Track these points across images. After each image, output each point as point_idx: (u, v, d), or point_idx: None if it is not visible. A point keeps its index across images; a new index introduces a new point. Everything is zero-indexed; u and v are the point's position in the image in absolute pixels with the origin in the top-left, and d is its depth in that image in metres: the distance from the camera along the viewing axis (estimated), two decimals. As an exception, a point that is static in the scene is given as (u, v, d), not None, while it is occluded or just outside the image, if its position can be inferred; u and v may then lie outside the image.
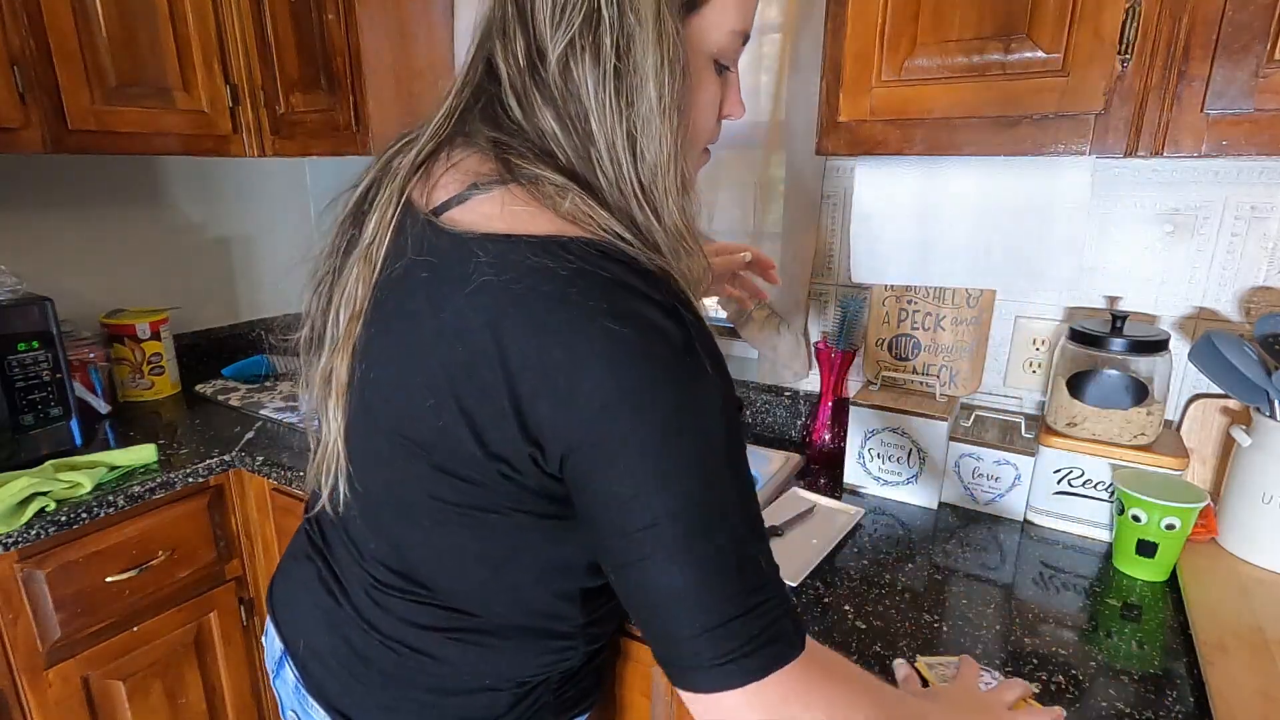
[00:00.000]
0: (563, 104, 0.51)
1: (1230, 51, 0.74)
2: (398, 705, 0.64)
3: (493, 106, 0.55)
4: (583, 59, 0.50)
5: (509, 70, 0.53)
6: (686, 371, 0.49)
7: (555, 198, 0.51)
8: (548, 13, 0.50)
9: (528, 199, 0.52)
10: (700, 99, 0.57)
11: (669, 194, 0.54)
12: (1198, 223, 1.04)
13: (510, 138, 0.54)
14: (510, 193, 0.52)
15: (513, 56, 0.53)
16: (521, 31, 0.52)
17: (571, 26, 0.50)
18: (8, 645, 1.13)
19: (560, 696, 0.69)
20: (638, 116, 0.51)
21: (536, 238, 0.50)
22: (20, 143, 1.21)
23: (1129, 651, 0.81)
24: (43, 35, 1.20)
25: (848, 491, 1.20)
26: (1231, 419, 1.05)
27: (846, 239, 1.30)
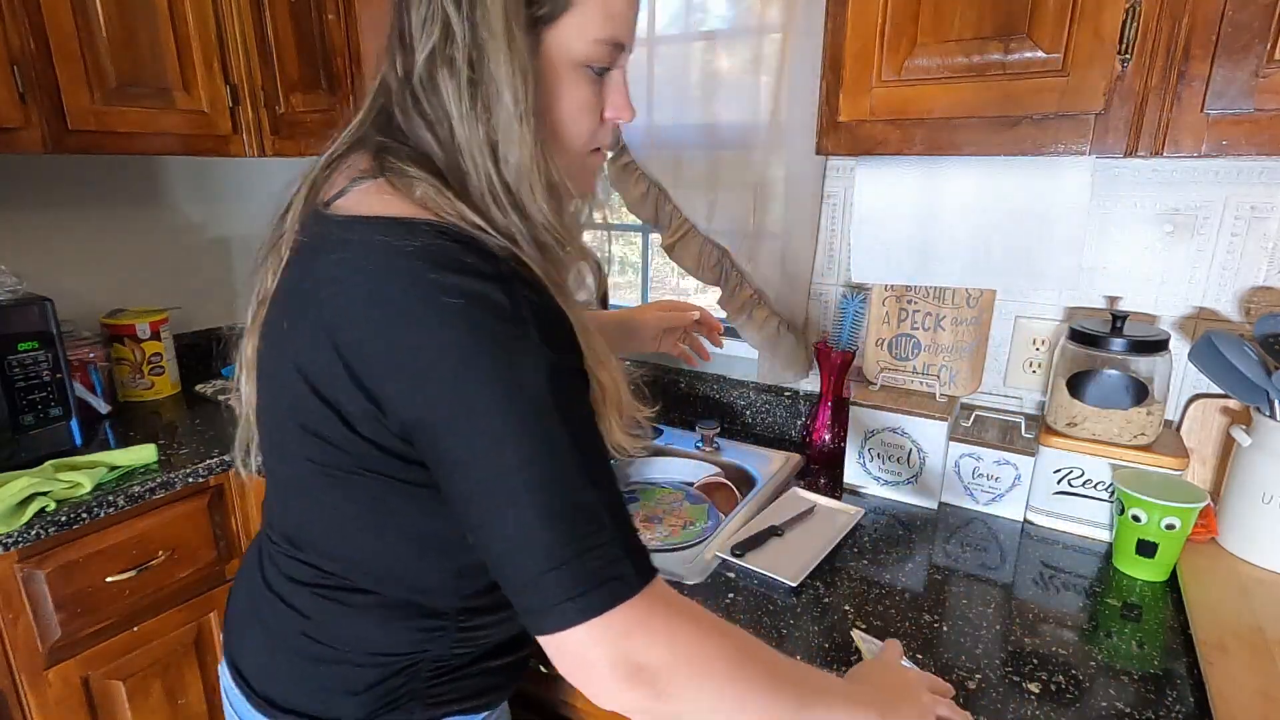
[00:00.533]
0: (431, 113, 0.57)
1: (1230, 51, 0.74)
2: (273, 660, 0.68)
3: (384, 117, 0.61)
4: (443, 71, 0.55)
5: (394, 84, 0.59)
6: (511, 338, 0.52)
7: (411, 188, 0.56)
8: (413, 31, 0.56)
9: (390, 189, 0.57)
10: (567, 104, 0.60)
11: (535, 193, 0.57)
12: (1198, 223, 1.04)
13: (393, 142, 0.59)
14: (378, 184, 0.58)
15: (395, 72, 0.59)
16: (400, 49, 0.58)
17: (430, 40, 0.55)
18: (8, 645, 1.13)
19: (431, 688, 0.68)
20: (497, 122, 0.56)
21: (389, 218, 0.55)
22: (20, 143, 1.21)
23: (1129, 651, 0.81)
24: (43, 35, 1.20)
25: (848, 491, 1.20)
26: (1231, 419, 1.05)
27: (846, 239, 1.30)
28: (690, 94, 1.35)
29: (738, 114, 1.31)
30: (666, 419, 1.54)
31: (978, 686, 0.75)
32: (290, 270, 0.62)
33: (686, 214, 1.41)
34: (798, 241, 1.30)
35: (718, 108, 1.33)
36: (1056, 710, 0.72)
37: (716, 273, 1.40)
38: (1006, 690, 0.75)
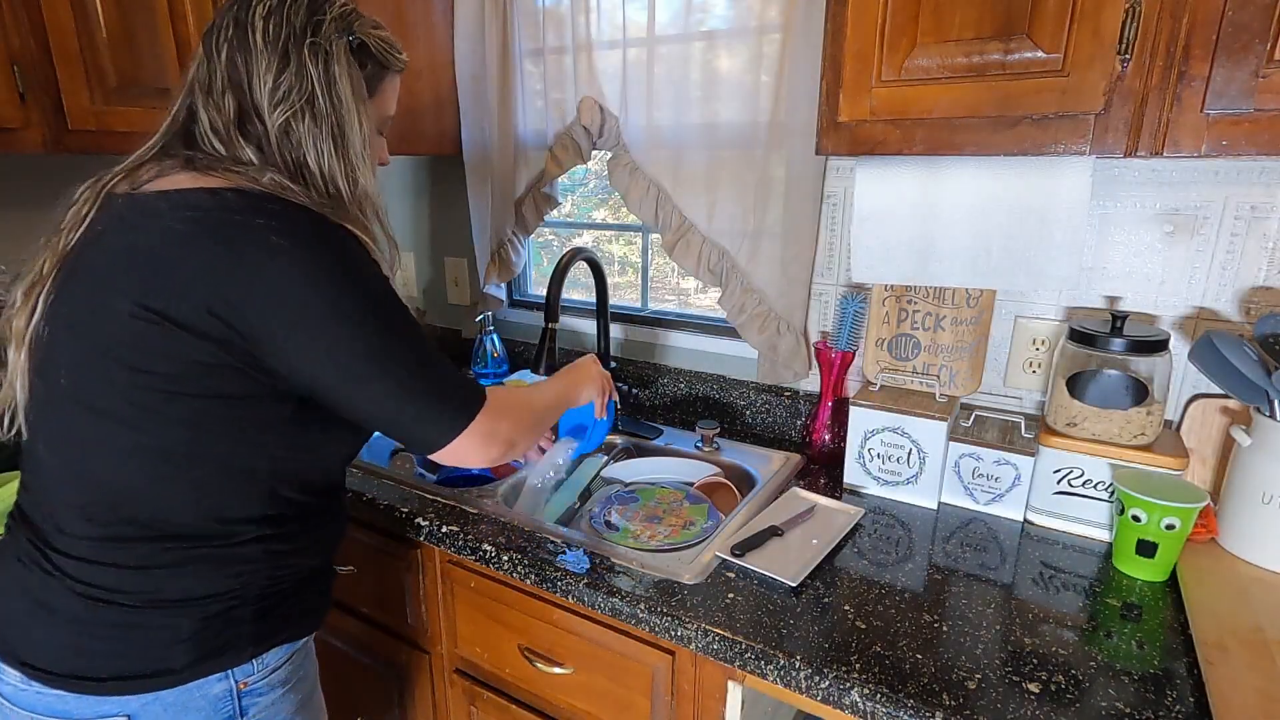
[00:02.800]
0: (275, 148, 0.76)
1: (1230, 51, 0.74)
2: (86, 646, 0.72)
3: (191, 137, 0.78)
4: (303, 122, 0.77)
5: (212, 117, 0.76)
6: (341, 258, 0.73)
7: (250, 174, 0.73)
8: (265, 92, 0.75)
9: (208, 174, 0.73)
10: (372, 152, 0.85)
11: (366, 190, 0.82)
12: (1198, 223, 1.04)
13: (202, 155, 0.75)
14: (194, 170, 0.74)
15: (217, 109, 0.76)
16: (234, 96, 0.76)
17: (293, 107, 0.76)
18: (8, 645, 1.12)
19: (256, 626, 0.78)
20: (351, 153, 0.80)
21: (219, 187, 0.72)
22: (20, 143, 1.22)
23: (1129, 651, 0.81)
24: (43, 35, 1.21)
25: (848, 491, 1.20)
26: (1231, 419, 1.05)
27: (846, 239, 1.30)
28: (690, 94, 1.35)
29: (738, 114, 1.31)
30: (666, 419, 1.54)
31: (978, 686, 0.75)
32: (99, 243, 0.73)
33: (686, 214, 1.41)
34: (798, 241, 1.30)
35: (718, 108, 1.33)
36: (1056, 710, 0.72)
37: (716, 273, 1.40)
38: (1006, 690, 0.75)
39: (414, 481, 1.24)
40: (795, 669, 0.79)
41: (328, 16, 0.78)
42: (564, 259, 1.31)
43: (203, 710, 0.76)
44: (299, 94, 0.76)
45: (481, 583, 1.08)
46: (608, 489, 1.29)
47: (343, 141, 0.79)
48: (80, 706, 0.72)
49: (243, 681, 0.78)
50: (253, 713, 0.80)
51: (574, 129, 1.49)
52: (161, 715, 0.74)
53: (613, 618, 0.94)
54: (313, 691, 0.91)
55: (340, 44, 0.79)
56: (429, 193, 1.86)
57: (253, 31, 0.75)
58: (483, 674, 1.16)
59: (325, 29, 0.78)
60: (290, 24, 0.76)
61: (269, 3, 0.77)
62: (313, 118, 0.77)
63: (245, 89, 0.76)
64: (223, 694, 0.77)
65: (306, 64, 0.76)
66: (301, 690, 0.87)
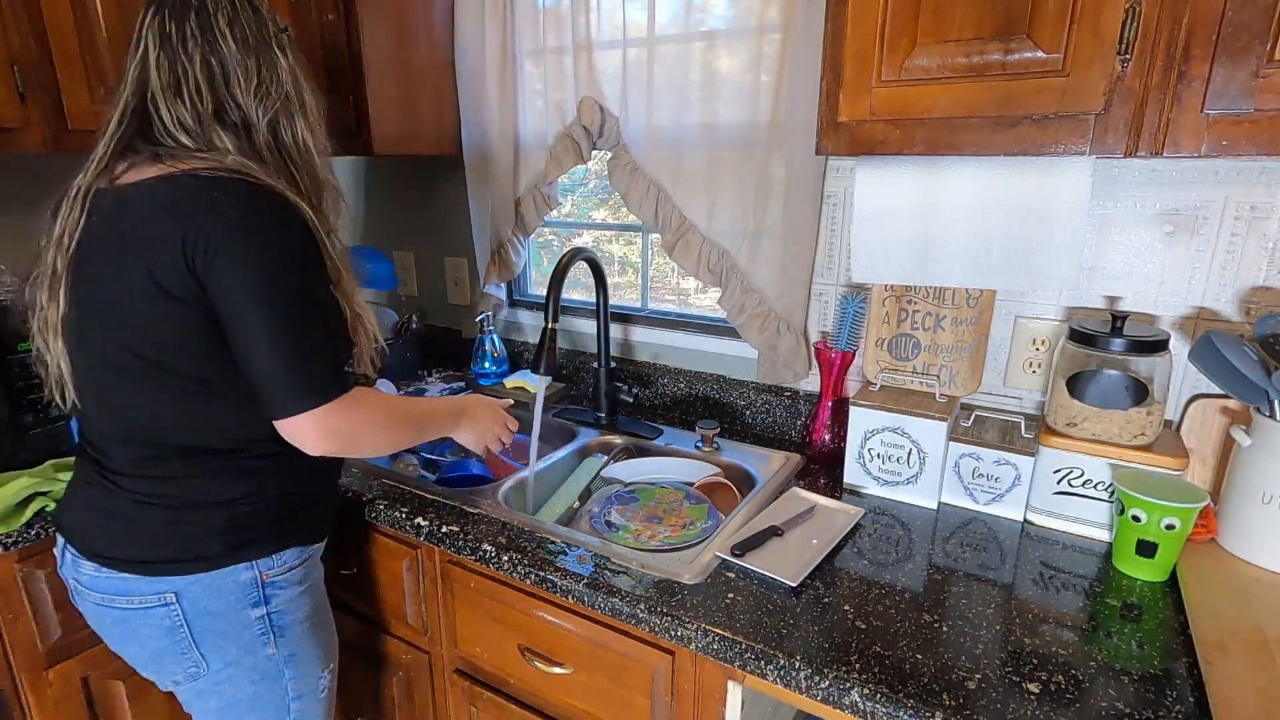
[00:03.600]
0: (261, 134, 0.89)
1: (1230, 51, 0.74)
2: (132, 534, 0.91)
3: (149, 134, 0.87)
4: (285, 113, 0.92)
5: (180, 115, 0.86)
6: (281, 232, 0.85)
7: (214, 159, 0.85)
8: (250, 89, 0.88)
9: (177, 163, 0.84)
10: None
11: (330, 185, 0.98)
12: (1198, 223, 1.04)
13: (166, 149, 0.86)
14: (161, 162, 0.85)
15: (189, 107, 0.86)
16: (212, 94, 0.87)
17: (277, 101, 0.90)
18: (8, 645, 1.13)
19: (276, 526, 0.95)
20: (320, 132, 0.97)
21: (182, 173, 0.84)
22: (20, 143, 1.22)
23: (1129, 651, 0.81)
24: (43, 35, 1.21)
25: (848, 491, 1.20)
26: (1231, 419, 1.05)
27: (846, 239, 1.30)
28: (690, 94, 1.35)
29: (738, 114, 1.31)
30: (666, 419, 1.54)
31: (978, 686, 0.75)
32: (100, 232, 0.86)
33: (686, 214, 1.41)
34: (798, 241, 1.30)
35: (718, 108, 1.33)
36: (1056, 710, 0.72)
37: (716, 273, 1.40)
38: (1006, 690, 0.75)
39: (414, 481, 1.24)
40: (795, 669, 0.79)
41: (265, 15, 0.91)
42: (564, 259, 1.31)
43: (234, 593, 0.93)
44: (277, 88, 0.89)
45: (481, 583, 1.08)
46: (608, 489, 1.29)
47: (309, 118, 0.94)
48: (140, 586, 0.91)
49: (265, 573, 0.95)
50: (274, 603, 0.97)
51: (574, 129, 1.49)
52: (201, 595, 0.92)
53: (613, 618, 0.94)
54: (322, 600, 1.07)
55: (286, 37, 0.93)
56: (429, 193, 1.86)
57: (222, 36, 0.86)
58: (483, 674, 1.16)
59: (273, 26, 0.91)
60: (251, 26, 0.88)
61: (226, 10, 0.87)
62: (287, 102, 0.91)
63: (223, 87, 0.87)
64: (249, 582, 0.94)
65: (278, 61, 0.90)
66: (313, 596, 1.03)
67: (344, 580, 1.28)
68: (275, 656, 0.98)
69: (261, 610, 0.96)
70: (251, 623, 0.95)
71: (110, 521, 0.92)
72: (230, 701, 0.98)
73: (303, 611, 1.01)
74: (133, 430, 0.90)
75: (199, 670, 0.96)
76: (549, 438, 1.52)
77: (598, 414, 1.50)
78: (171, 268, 0.82)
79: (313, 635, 1.03)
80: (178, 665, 0.96)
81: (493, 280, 1.71)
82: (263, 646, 0.97)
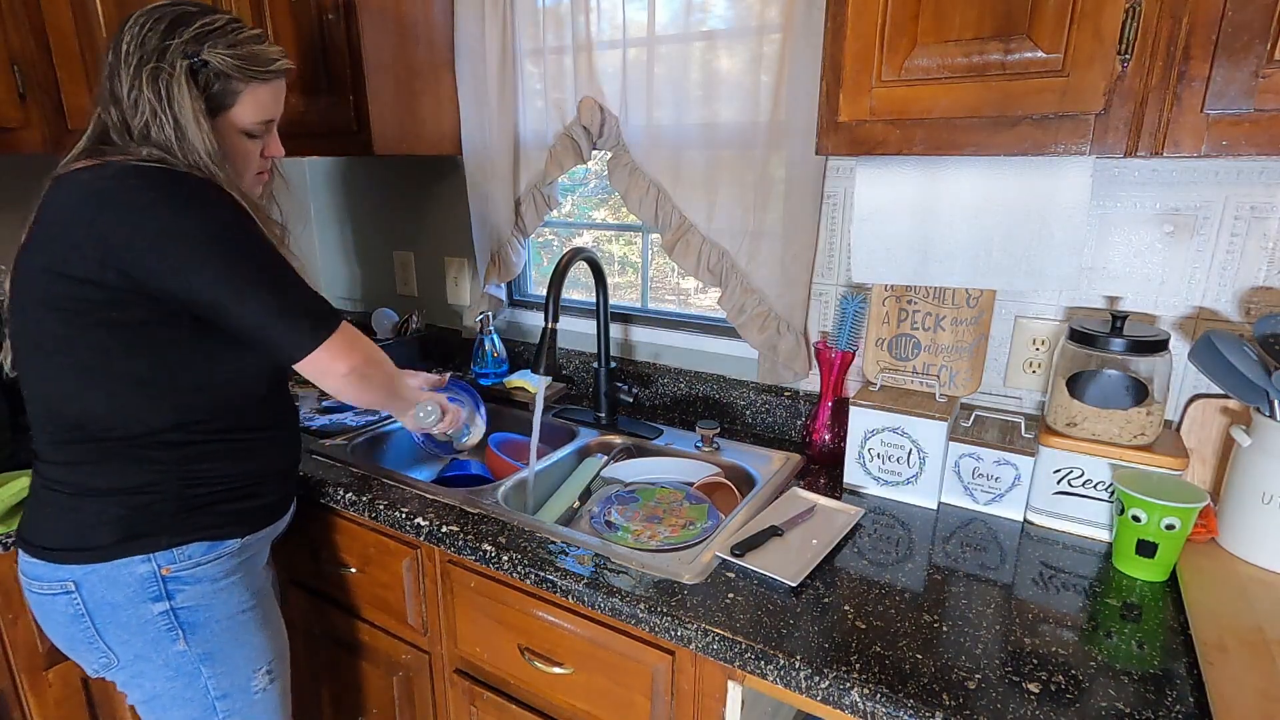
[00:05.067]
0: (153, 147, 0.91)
1: (1230, 51, 0.74)
2: (42, 519, 0.94)
3: (106, 137, 0.93)
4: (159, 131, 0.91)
5: (109, 120, 0.93)
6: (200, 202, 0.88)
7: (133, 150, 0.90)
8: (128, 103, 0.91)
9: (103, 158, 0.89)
10: (233, 153, 0.99)
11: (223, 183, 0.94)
12: (1198, 223, 1.04)
13: (111, 148, 0.91)
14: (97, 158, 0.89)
15: (109, 114, 0.93)
16: (115, 104, 0.92)
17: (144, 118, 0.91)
18: (8, 645, 1.13)
19: (175, 521, 0.94)
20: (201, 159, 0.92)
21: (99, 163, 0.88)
22: (20, 143, 1.22)
23: (1129, 651, 0.81)
24: (43, 35, 1.21)
25: (848, 491, 1.20)
26: (1231, 419, 1.05)
27: (846, 239, 1.30)
28: (690, 94, 1.35)
29: (738, 114, 1.31)
30: (666, 419, 1.54)
31: (978, 686, 0.75)
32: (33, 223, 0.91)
33: (686, 214, 1.41)
34: (798, 241, 1.30)
35: (718, 108, 1.33)
36: (1056, 710, 0.72)
37: (716, 273, 1.40)
38: (1006, 690, 0.75)
39: (414, 481, 1.24)
40: (795, 669, 0.79)
41: (175, 42, 0.91)
42: (564, 259, 1.31)
43: (131, 586, 0.93)
44: (145, 109, 0.91)
45: (481, 583, 1.08)
46: (608, 489, 1.29)
47: (190, 150, 0.92)
48: (46, 571, 0.93)
49: (165, 567, 0.94)
50: (180, 598, 0.95)
51: (574, 129, 1.49)
52: (98, 585, 0.92)
53: (613, 618, 0.94)
54: (259, 598, 1.04)
55: (182, 65, 0.91)
56: (429, 193, 1.86)
57: (119, 53, 0.91)
58: (483, 674, 1.16)
59: (170, 54, 0.90)
60: (144, 48, 0.90)
61: (137, 26, 0.91)
62: (160, 128, 0.92)
63: (119, 99, 0.92)
64: (147, 575, 0.93)
65: (144, 87, 0.90)
66: (240, 593, 1.01)
67: (344, 580, 1.28)
68: (187, 653, 0.97)
69: (164, 605, 0.94)
70: (154, 617, 0.94)
71: (34, 505, 0.95)
72: (151, 695, 0.99)
73: (223, 610, 0.99)
74: (47, 411, 0.92)
75: (110, 661, 0.96)
76: (549, 438, 1.52)
77: (598, 414, 1.50)
78: (69, 247, 0.85)
79: (238, 633, 1.00)
80: (90, 654, 0.96)
81: (493, 280, 1.71)
82: (171, 643, 0.96)
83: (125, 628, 0.94)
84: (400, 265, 1.99)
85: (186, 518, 0.95)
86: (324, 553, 1.29)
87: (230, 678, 1.01)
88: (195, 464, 0.95)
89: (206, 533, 0.97)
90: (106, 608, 0.93)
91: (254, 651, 1.03)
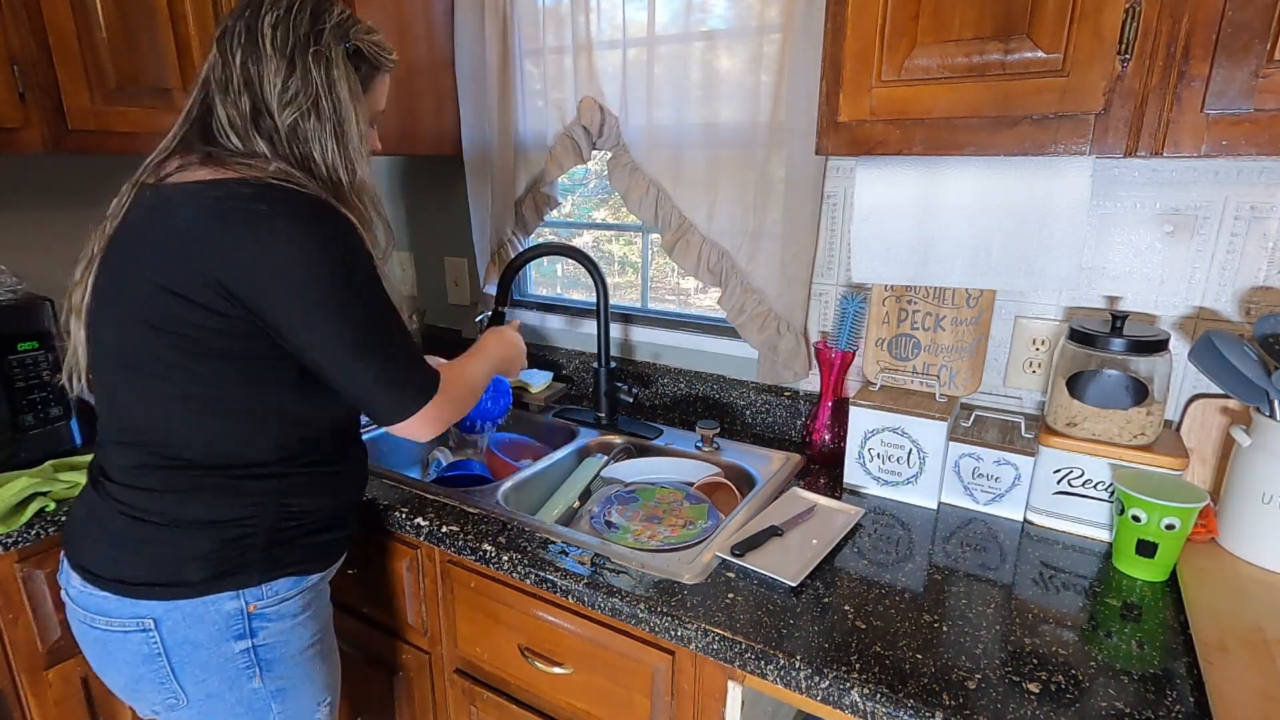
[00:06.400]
0: (285, 142, 0.87)
1: (1230, 51, 0.74)
2: (123, 556, 0.87)
3: (208, 132, 0.88)
4: (309, 121, 0.87)
5: (230, 114, 0.86)
6: (334, 244, 0.83)
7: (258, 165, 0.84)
8: (275, 94, 0.86)
9: (223, 168, 0.84)
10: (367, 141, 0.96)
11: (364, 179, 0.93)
12: (1198, 223, 1.04)
13: (219, 149, 0.86)
14: (211, 165, 0.85)
15: (234, 107, 0.86)
16: (249, 96, 0.86)
17: (300, 108, 0.86)
18: (8, 645, 1.13)
19: (266, 556, 0.90)
20: (350, 148, 0.91)
21: (229, 179, 0.83)
22: (20, 143, 1.21)
23: (1129, 651, 0.81)
24: (43, 35, 1.20)
25: (848, 491, 1.20)
26: (1231, 419, 1.05)
27: (846, 239, 1.30)
28: (690, 94, 1.35)
29: (738, 114, 1.31)
30: (666, 419, 1.54)
31: (978, 686, 0.75)
32: (134, 226, 0.86)
33: (686, 214, 1.41)
34: (798, 241, 1.30)
35: (718, 108, 1.33)
36: (1056, 710, 0.72)
37: (716, 273, 1.40)
38: (1006, 690, 0.75)
39: (414, 481, 1.24)
40: (795, 669, 0.79)
41: (328, 25, 0.88)
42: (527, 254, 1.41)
43: (216, 624, 0.88)
44: (305, 96, 0.87)
45: (481, 582, 1.08)
46: (608, 489, 1.29)
47: (343, 137, 0.90)
48: (119, 607, 0.86)
49: (253, 604, 0.90)
50: (262, 635, 0.91)
51: (574, 129, 1.49)
52: (181, 623, 0.87)
53: (613, 618, 0.94)
54: (324, 632, 1.01)
55: (339, 50, 0.89)
56: (429, 193, 1.86)
57: (262, 39, 0.86)
58: (483, 674, 1.16)
59: (326, 37, 0.88)
60: (296, 33, 0.86)
61: (277, 12, 0.87)
62: (317, 116, 0.88)
63: (258, 89, 0.86)
64: (234, 612, 0.88)
65: (311, 69, 0.87)
66: (313, 627, 0.98)
67: (344, 580, 1.28)
68: (261, 690, 0.93)
69: (247, 643, 0.90)
70: (235, 655, 0.90)
71: (100, 533, 0.88)
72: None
73: (297, 645, 0.95)
74: (131, 433, 0.88)
75: (178, 701, 0.91)
76: (549, 438, 1.52)
77: (598, 414, 1.50)
78: (193, 272, 0.80)
79: (308, 668, 0.97)
80: (156, 694, 0.91)
81: (493, 280, 1.71)
82: (248, 680, 0.91)
83: (203, 667, 0.89)
84: (400, 265, 1.99)
85: (277, 552, 0.91)
86: (324, 553, 1.29)
87: (296, 713, 0.98)
88: (289, 496, 0.91)
89: (294, 568, 0.93)
90: (187, 647, 0.87)
91: (319, 686, 1.00)
